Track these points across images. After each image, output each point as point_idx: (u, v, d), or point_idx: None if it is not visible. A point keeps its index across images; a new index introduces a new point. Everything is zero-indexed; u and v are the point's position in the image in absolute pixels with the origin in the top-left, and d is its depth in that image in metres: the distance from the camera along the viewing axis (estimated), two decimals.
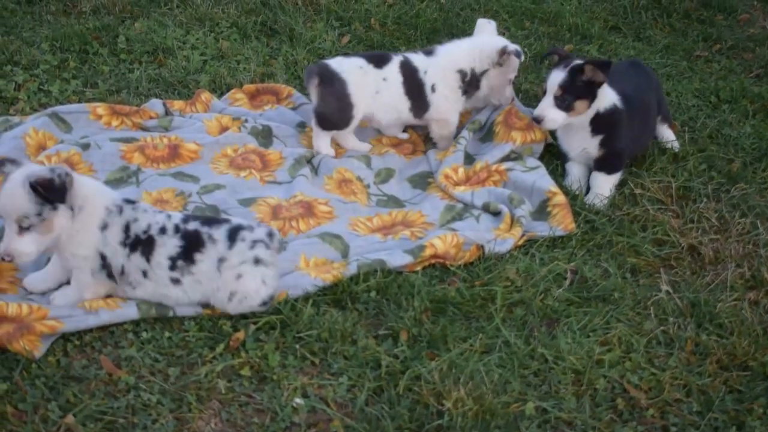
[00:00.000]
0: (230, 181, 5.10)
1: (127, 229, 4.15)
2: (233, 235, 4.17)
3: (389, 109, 5.51)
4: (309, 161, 5.35)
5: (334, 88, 5.34)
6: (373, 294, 4.36)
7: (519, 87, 6.20)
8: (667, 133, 5.70)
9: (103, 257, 4.14)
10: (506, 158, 5.39)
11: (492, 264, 4.64)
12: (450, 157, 5.39)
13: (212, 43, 6.47)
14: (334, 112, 5.37)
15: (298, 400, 3.79)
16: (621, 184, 5.22)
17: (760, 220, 5.02)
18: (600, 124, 5.21)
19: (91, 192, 4.14)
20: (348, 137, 5.55)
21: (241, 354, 3.98)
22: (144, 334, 4.04)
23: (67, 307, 4.12)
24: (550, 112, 5.16)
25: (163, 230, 4.16)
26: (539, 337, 4.16)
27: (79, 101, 5.71)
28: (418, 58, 5.58)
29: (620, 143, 5.21)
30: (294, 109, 5.80)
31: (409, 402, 3.79)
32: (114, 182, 4.98)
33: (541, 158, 5.45)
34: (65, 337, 3.98)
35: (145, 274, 4.16)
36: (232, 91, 5.94)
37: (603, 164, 5.21)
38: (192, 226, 4.19)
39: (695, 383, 4.00)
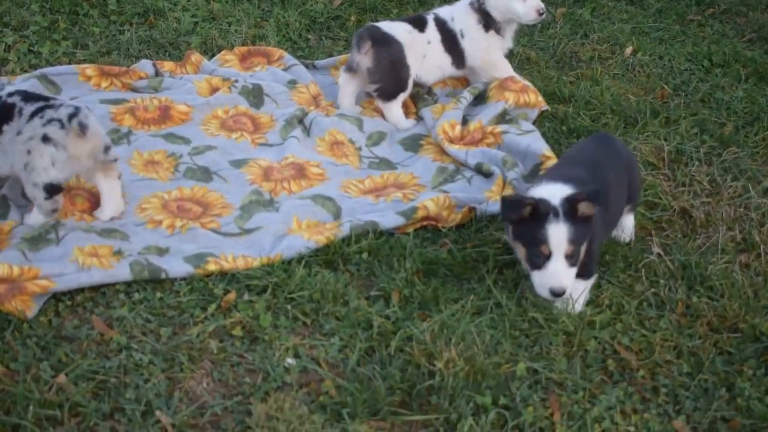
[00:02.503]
0: (222, 142, 5.09)
1: None
2: (38, 111, 4.25)
3: (434, 69, 5.62)
4: (301, 121, 5.33)
5: (391, 49, 5.39)
6: (364, 255, 4.36)
7: (512, 50, 6.17)
8: (627, 221, 4.59)
9: None
10: (500, 119, 5.37)
11: (483, 225, 4.63)
12: (450, 112, 5.39)
13: (203, 5, 6.43)
14: (391, 75, 5.41)
15: (290, 360, 3.79)
16: None
17: (752, 183, 5.02)
18: None
19: None
20: (347, 95, 5.55)
21: (232, 314, 3.98)
22: (136, 295, 4.04)
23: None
24: (569, 278, 3.99)
25: None
26: (531, 298, 4.16)
27: (70, 63, 5.68)
28: (444, 10, 5.68)
29: (595, 245, 4.16)
30: (285, 70, 5.77)
31: (400, 362, 3.79)
32: None
33: (535, 122, 5.44)
34: (57, 297, 3.98)
35: None
36: (223, 52, 5.92)
37: (581, 271, 4.08)
38: (12, 99, 4.32)
39: (686, 345, 4.01)
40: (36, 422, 3.41)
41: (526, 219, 3.94)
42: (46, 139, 4.22)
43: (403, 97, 5.47)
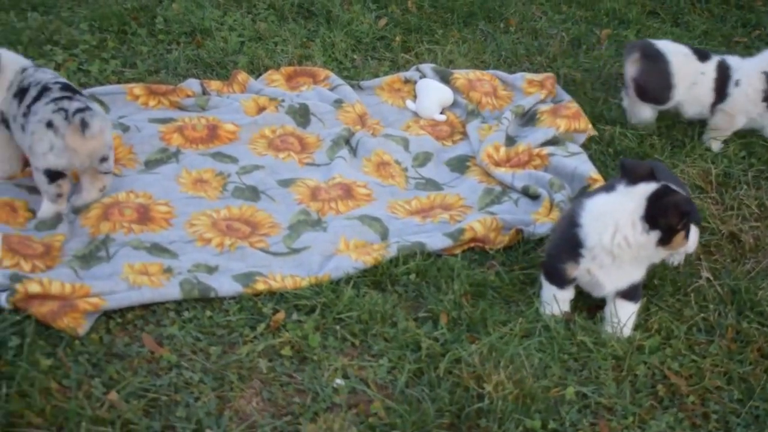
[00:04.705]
0: (269, 162, 5.11)
1: (21, 82, 4.61)
2: (58, 99, 4.45)
3: (696, 102, 5.58)
4: (347, 141, 5.36)
5: (657, 65, 5.46)
6: (412, 276, 4.36)
7: (557, 72, 6.18)
8: None
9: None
10: (548, 143, 5.36)
11: (531, 248, 4.63)
12: (492, 135, 5.39)
13: (249, 25, 6.46)
14: (654, 87, 5.50)
15: (339, 381, 3.80)
16: None
17: None
18: None
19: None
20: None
21: (281, 334, 3.99)
22: (186, 314, 4.06)
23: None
24: None
25: (37, 84, 4.56)
26: (579, 322, 4.15)
27: (119, 81, 5.72)
28: (732, 59, 5.63)
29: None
30: (331, 90, 5.79)
31: (449, 385, 3.78)
32: (154, 162, 5.00)
33: (582, 145, 5.43)
34: (108, 315, 4.01)
35: (14, 118, 4.57)
36: (269, 72, 5.94)
37: (635, 292, 4.18)
38: (51, 85, 4.54)
39: (736, 371, 3.99)
40: None
41: None
42: (49, 124, 4.40)
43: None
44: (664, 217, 3.91)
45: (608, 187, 4.18)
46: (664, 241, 3.96)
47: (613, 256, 4.02)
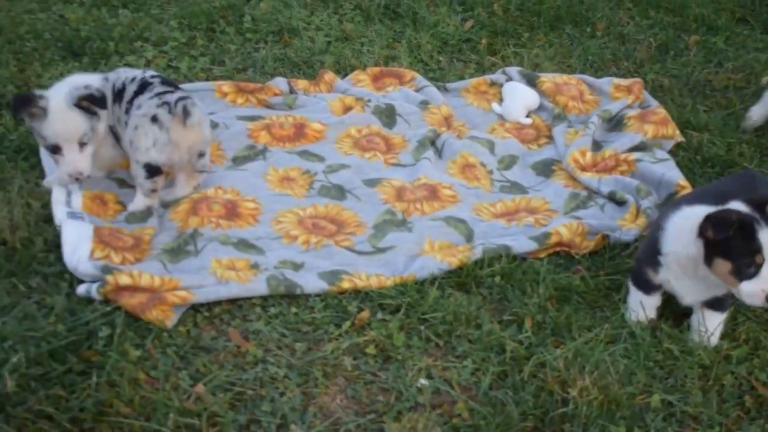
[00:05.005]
0: (355, 161, 5.14)
1: (113, 88, 4.67)
2: (160, 94, 4.53)
3: None
4: (433, 142, 5.36)
5: None
6: (497, 279, 4.35)
7: (644, 77, 6.13)
8: None
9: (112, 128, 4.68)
10: (634, 148, 5.32)
11: (617, 253, 4.59)
12: (579, 139, 5.36)
13: (336, 25, 6.51)
14: None
15: (423, 381, 3.81)
16: None
17: None
18: None
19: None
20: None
21: (366, 332, 4.00)
22: (272, 309, 4.09)
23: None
24: None
25: (132, 80, 4.66)
26: (666, 329, 4.10)
27: (207, 79, 5.80)
28: None
29: None
30: (417, 91, 5.80)
31: (533, 388, 3.77)
32: (242, 159, 5.06)
33: (669, 151, 5.37)
34: (195, 309, 4.06)
35: (119, 120, 4.62)
36: (355, 72, 5.98)
37: (723, 301, 4.10)
38: (152, 79, 4.65)
39: None
40: (175, 430, 3.47)
41: (732, 234, 3.75)
42: (154, 119, 4.47)
43: None
44: (704, 221, 3.82)
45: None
46: (707, 258, 3.85)
47: (681, 266, 3.97)
